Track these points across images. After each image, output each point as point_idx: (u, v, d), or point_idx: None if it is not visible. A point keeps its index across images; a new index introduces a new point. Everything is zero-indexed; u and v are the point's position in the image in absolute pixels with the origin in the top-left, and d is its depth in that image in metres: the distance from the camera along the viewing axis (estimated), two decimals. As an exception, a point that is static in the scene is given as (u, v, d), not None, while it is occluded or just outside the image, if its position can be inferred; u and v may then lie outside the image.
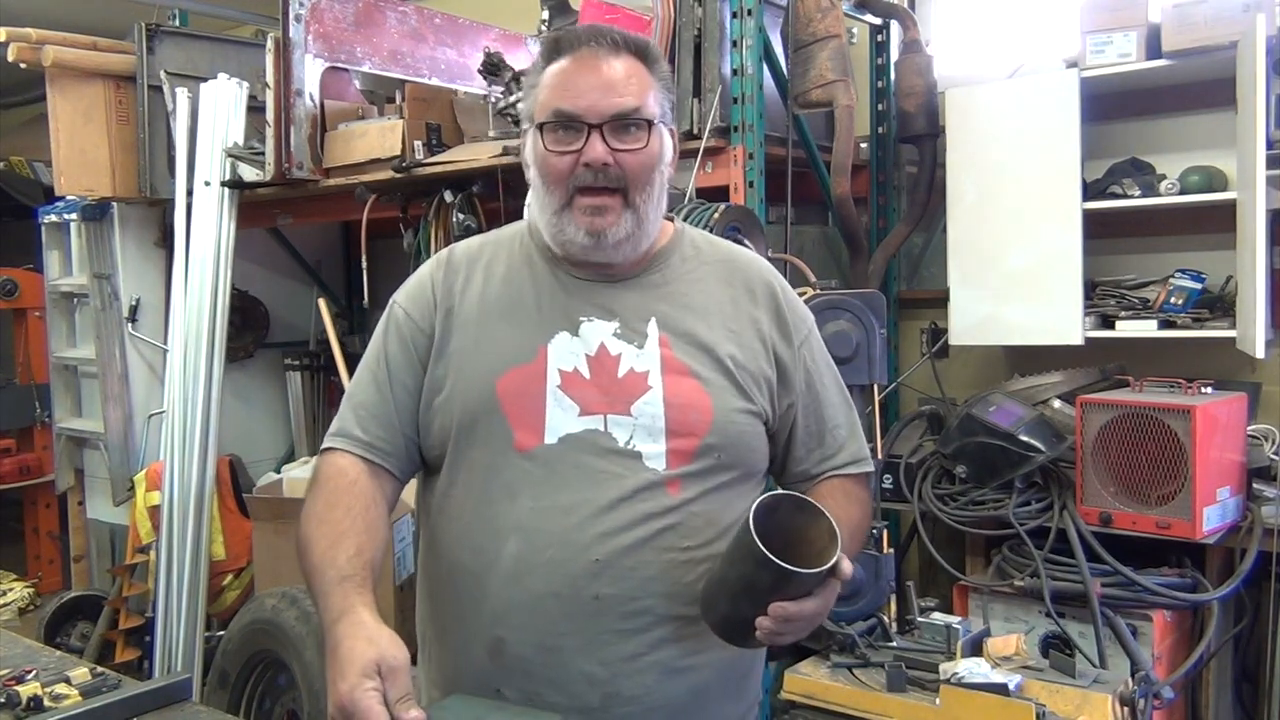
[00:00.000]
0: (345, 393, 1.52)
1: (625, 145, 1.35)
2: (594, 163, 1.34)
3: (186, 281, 3.78)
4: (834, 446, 1.51)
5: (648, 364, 1.39)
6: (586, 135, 1.34)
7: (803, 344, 1.49)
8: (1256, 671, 2.85)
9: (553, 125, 1.36)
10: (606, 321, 1.41)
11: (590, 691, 1.36)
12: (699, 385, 1.39)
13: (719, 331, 1.43)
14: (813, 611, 1.25)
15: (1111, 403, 2.72)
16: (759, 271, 1.52)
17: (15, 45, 3.83)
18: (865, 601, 2.53)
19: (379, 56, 3.58)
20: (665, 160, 1.42)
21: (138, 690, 1.54)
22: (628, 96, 1.35)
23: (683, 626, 1.37)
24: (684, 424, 1.37)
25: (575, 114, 1.34)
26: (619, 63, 1.36)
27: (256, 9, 4.87)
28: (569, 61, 1.37)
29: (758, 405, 1.43)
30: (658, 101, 1.39)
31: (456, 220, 3.23)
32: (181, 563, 3.70)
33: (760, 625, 1.24)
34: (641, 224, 1.39)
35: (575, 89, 1.35)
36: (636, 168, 1.36)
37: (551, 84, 1.37)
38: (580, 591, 1.34)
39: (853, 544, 1.44)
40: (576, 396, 1.38)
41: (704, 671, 1.40)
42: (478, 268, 1.48)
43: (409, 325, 1.46)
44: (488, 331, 1.43)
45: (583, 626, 1.35)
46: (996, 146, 3.09)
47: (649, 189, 1.38)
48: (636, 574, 1.34)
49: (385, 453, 1.44)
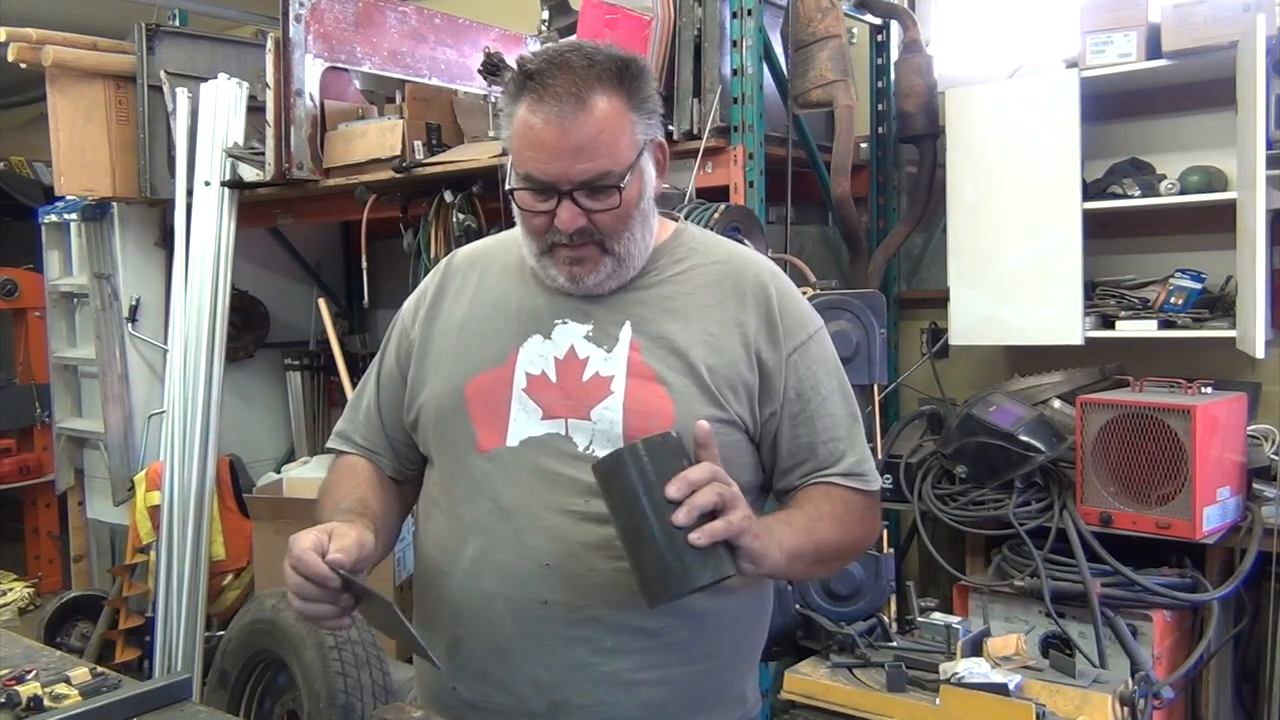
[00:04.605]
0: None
1: (598, 205, 1.32)
2: (565, 229, 1.32)
3: (186, 281, 3.78)
4: (828, 460, 1.41)
5: (614, 368, 1.37)
6: (558, 200, 1.31)
7: (796, 350, 1.41)
8: (1256, 671, 2.85)
9: (524, 187, 1.34)
10: (580, 324, 1.40)
11: (537, 697, 1.35)
12: (663, 391, 1.35)
13: (696, 335, 1.38)
14: (708, 473, 1.17)
15: (1111, 403, 2.72)
16: (754, 273, 1.45)
17: (15, 45, 3.83)
18: (865, 601, 2.53)
19: (379, 56, 3.58)
20: (646, 195, 1.38)
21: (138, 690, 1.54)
22: (598, 160, 1.29)
23: (636, 639, 1.33)
24: (642, 430, 1.31)
25: (545, 181, 1.31)
26: (589, 116, 1.28)
27: (256, 9, 4.87)
28: (538, 113, 1.29)
29: (731, 413, 1.37)
30: (634, 141, 1.32)
31: (456, 220, 3.22)
32: (181, 563, 3.70)
33: (677, 521, 1.14)
34: (622, 263, 1.37)
35: (544, 152, 1.29)
36: (611, 223, 1.33)
37: (522, 136, 1.31)
38: (530, 595, 1.33)
39: (830, 532, 1.37)
40: (541, 400, 1.37)
41: (662, 688, 1.35)
42: (474, 272, 1.52)
43: (403, 330, 1.54)
44: (468, 336, 1.45)
45: (531, 630, 1.34)
46: (996, 146, 3.09)
47: (627, 234, 1.36)
48: (585, 581, 1.32)
49: (375, 454, 1.54)
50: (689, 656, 1.37)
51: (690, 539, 1.14)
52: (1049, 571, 2.66)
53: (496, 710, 1.37)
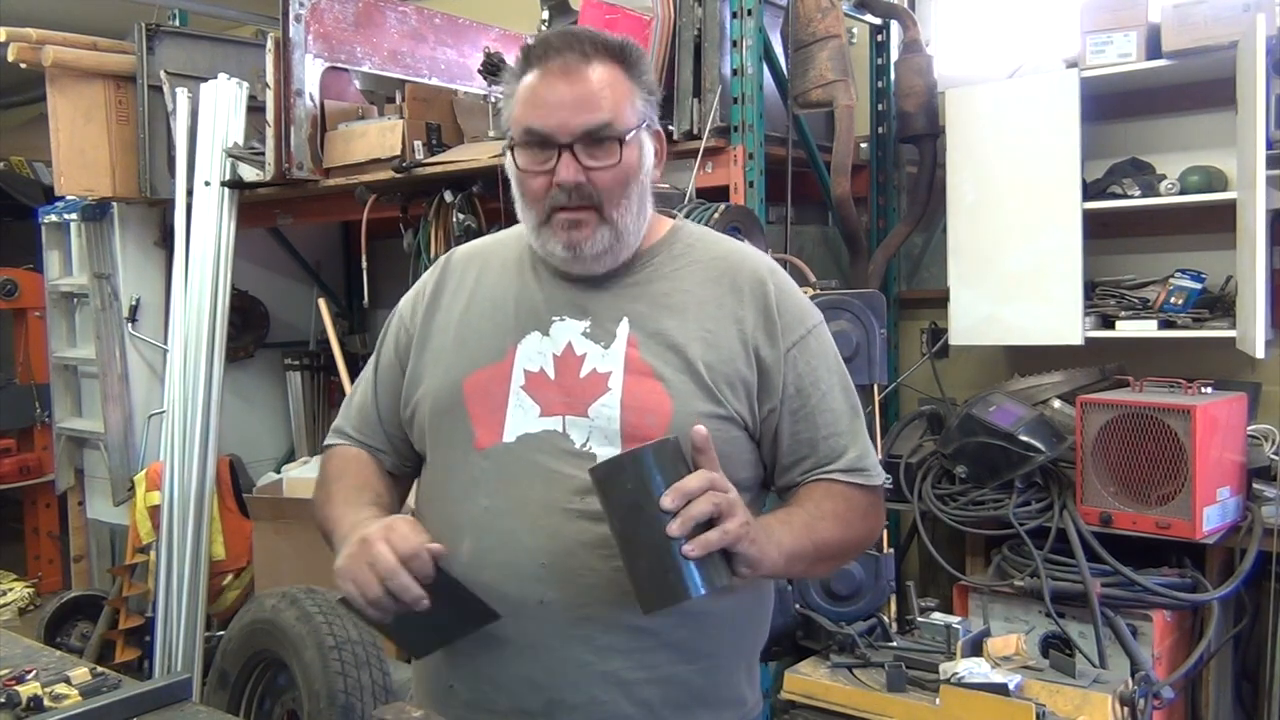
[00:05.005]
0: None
1: (598, 162, 1.32)
2: (565, 184, 1.31)
3: (186, 281, 3.78)
4: (829, 455, 1.40)
5: (611, 365, 1.36)
6: (558, 155, 1.31)
7: (795, 346, 1.40)
8: (1256, 671, 2.85)
9: (524, 144, 1.34)
10: (578, 320, 1.39)
11: (533, 696, 1.34)
12: (660, 387, 1.34)
13: (694, 331, 1.37)
14: (704, 482, 1.16)
15: (1111, 403, 2.72)
16: (752, 269, 1.44)
17: (15, 45, 3.83)
18: (865, 601, 2.53)
19: (379, 56, 3.58)
20: (645, 168, 1.38)
21: (138, 690, 1.54)
22: (599, 111, 1.31)
23: (634, 638, 1.33)
24: (639, 427, 1.32)
25: (545, 133, 1.31)
26: (592, 72, 1.31)
27: (256, 9, 4.87)
28: (541, 74, 1.33)
29: (729, 409, 1.36)
30: (635, 109, 1.35)
31: (456, 220, 3.23)
32: (181, 563, 3.70)
33: (671, 532, 1.13)
34: (620, 237, 1.36)
35: (545, 105, 1.31)
36: (610, 183, 1.33)
37: (524, 98, 1.34)
38: (527, 594, 1.32)
39: (831, 531, 1.36)
40: (538, 397, 1.37)
41: (659, 687, 1.35)
42: (473, 268, 1.51)
43: (400, 325, 1.54)
44: (467, 331, 1.45)
45: (528, 629, 1.33)
46: (996, 146, 3.09)
47: (625, 202, 1.35)
48: (582, 580, 1.31)
49: (373, 449, 1.55)
50: (686, 655, 1.36)
51: (684, 550, 1.14)
52: (1049, 571, 2.66)
53: (493, 709, 1.37)
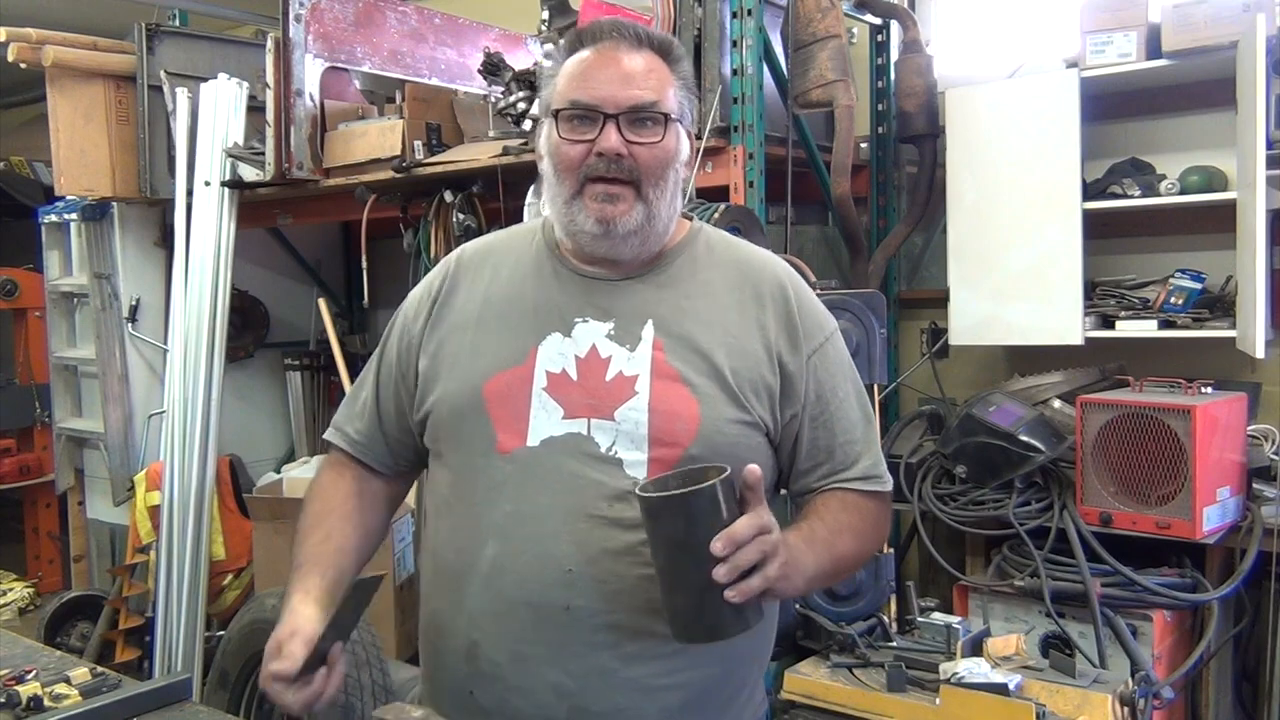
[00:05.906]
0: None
1: (641, 138, 1.33)
2: (608, 152, 1.32)
3: (186, 281, 3.78)
4: (845, 462, 1.42)
5: (637, 368, 1.35)
6: (602, 125, 1.32)
7: (815, 352, 1.41)
8: (1256, 671, 2.85)
9: (568, 114, 1.34)
10: (601, 322, 1.38)
11: (558, 703, 1.33)
12: (688, 392, 1.34)
13: (718, 336, 1.37)
14: (753, 529, 1.16)
15: (1111, 403, 2.72)
16: (772, 274, 1.44)
17: (15, 45, 3.83)
18: (865, 601, 2.53)
19: (379, 56, 3.58)
20: (681, 158, 1.39)
21: (138, 690, 1.55)
22: (646, 90, 1.34)
23: (658, 644, 1.31)
24: (668, 432, 1.32)
25: (592, 104, 1.33)
26: (640, 57, 1.35)
27: (256, 9, 4.87)
28: (590, 53, 1.36)
29: (754, 415, 1.36)
30: (677, 99, 1.37)
31: (456, 220, 3.23)
32: (181, 563, 3.70)
33: (718, 578, 1.14)
34: (653, 219, 1.36)
35: (594, 80, 1.34)
36: (651, 161, 1.34)
37: (571, 74, 1.36)
38: (552, 601, 1.31)
39: (848, 546, 1.39)
40: (561, 399, 1.35)
41: (680, 692, 1.35)
42: (485, 267, 1.49)
43: (404, 326, 1.51)
44: (484, 332, 1.43)
45: (552, 636, 1.32)
46: (996, 146, 3.09)
47: (662, 184, 1.36)
48: (608, 586, 1.30)
49: (366, 448, 1.53)
50: (706, 661, 1.35)
51: (726, 596, 1.15)
52: (1049, 571, 2.66)
53: (515, 716, 1.35)
